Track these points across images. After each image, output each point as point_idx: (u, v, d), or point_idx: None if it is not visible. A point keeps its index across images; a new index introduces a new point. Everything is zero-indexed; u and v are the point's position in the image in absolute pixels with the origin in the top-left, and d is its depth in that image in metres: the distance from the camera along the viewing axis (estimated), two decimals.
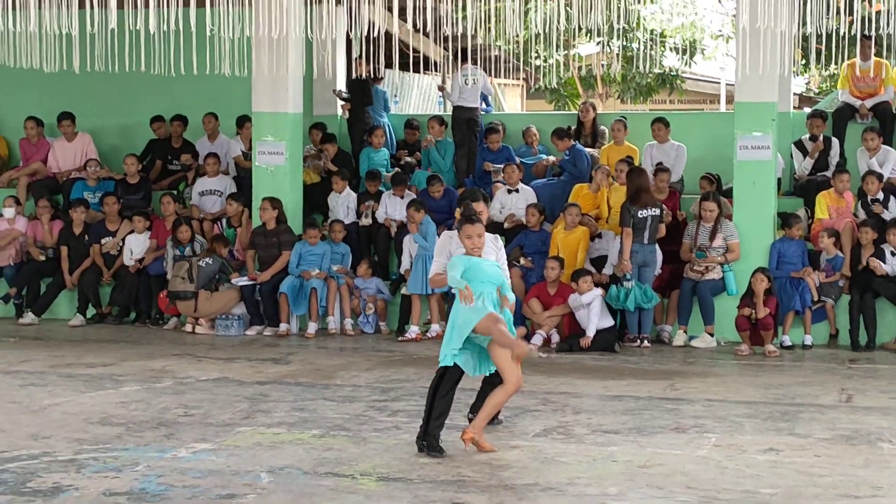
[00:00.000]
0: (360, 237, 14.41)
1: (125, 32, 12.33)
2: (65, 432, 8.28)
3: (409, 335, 13.04)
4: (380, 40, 14.04)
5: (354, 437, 8.19)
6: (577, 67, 26.24)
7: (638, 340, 12.63)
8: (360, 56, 15.30)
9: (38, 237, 14.97)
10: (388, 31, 13.62)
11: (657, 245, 12.89)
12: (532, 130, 15.70)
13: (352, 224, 14.38)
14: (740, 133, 13.06)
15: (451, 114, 15.64)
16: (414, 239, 13.33)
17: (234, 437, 8.16)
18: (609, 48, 22.55)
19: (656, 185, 13.44)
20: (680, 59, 27.17)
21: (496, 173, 14.74)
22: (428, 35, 17.21)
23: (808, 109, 17.25)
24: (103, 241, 14.66)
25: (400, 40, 17.91)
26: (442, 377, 7.69)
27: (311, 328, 13.42)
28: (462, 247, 7.81)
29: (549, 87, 24.63)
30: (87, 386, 10.19)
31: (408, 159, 15.82)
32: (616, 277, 12.73)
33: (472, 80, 15.24)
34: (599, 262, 13.28)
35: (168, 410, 9.12)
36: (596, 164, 14.40)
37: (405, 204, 13.92)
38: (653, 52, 24.58)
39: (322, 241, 13.82)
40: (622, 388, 10.18)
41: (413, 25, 15.56)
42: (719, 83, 29.45)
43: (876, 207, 13.14)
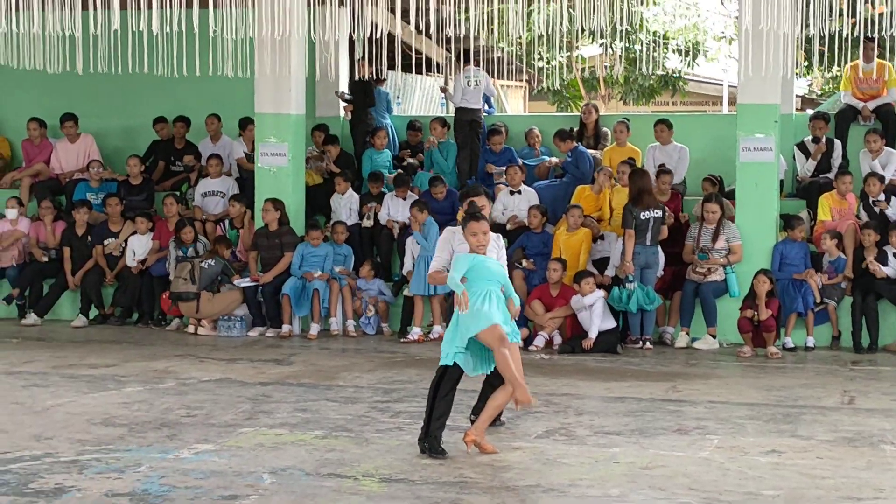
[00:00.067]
0: (362, 238, 14.41)
1: (128, 33, 12.32)
2: (67, 433, 8.29)
3: (411, 336, 13.04)
4: (382, 42, 14.03)
5: (357, 438, 8.19)
6: (579, 69, 26.21)
7: (640, 342, 12.63)
8: (363, 57, 15.28)
9: (41, 238, 14.97)
10: (390, 33, 13.63)
11: (659, 247, 12.88)
12: (534, 132, 15.70)
13: (354, 225, 14.38)
14: (743, 135, 13.06)
15: (453, 115, 15.63)
16: (415, 239, 13.33)
17: (236, 438, 8.16)
18: (612, 50, 22.50)
19: (658, 187, 13.44)
20: (682, 61, 27.12)
21: (498, 175, 14.73)
22: (431, 36, 17.22)
23: (810, 111, 17.20)
24: (106, 243, 14.67)
25: (403, 42, 17.95)
26: (442, 377, 7.69)
27: (314, 329, 13.42)
28: (464, 243, 7.80)
29: (552, 88, 24.60)
30: (90, 387, 10.20)
31: (410, 161, 15.82)
32: (618, 279, 12.73)
33: (475, 81, 15.23)
34: (601, 263, 13.29)
35: (170, 411, 9.13)
36: (598, 166, 14.40)
37: (407, 205, 13.93)
38: (655, 54, 24.52)
39: (324, 243, 13.83)
40: (624, 390, 10.18)
41: (416, 27, 15.56)
42: (722, 85, 29.41)
43: (880, 204, 13.14)
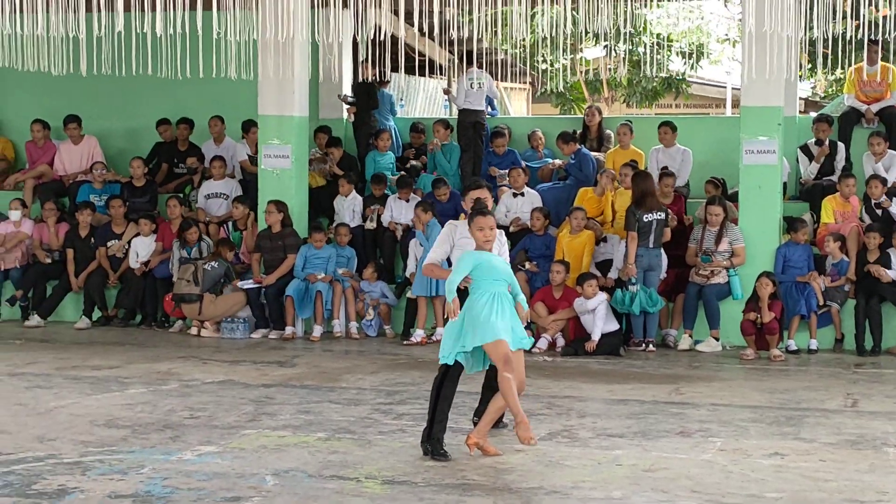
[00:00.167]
0: (365, 241, 14.41)
1: (132, 36, 12.36)
2: (70, 434, 8.29)
3: (414, 339, 13.03)
4: (386, 44, 14.05)
5: (359, 440, 8.19)
6: (583, 71, 26.23)
7: (643, 344, 12.62)
8: (366, 59, 15.30)
9: (45, 240, 14.98)
10: (394, 35, 13.66)
11: (662, 249, 12.88)
12: (538, 134, 15.69)
13: (357, 227, 14.38)
14: (746, 137, 13.06)
15: (456, 117, 15.64)
16: (418, 240, 13.33)
17: (239, 440, 8.16)
18: (615, 52, 22.51)
19: (661, 190, 13.44)
20: (686, 64, 27.16)
21: (501, 177, 14.73)
22: (434, 39, 17.24)
23: (814, 114, 17.19)
24: (109, 244, 14.67)
25: (406, 44, 18.00)
26: (444, 375, 7.68)
27: (317, 331, 13.42)
28: (464, 238, 7.77)
29: (555, 91, 24.64)
30: (93, 388, 10.20)
31: (413, 163, 15.82)
32: (621, 281, 12.73)
33: (478, 83, 15.22)
34: (605, 265, 13.29)
35: (173, 413, 9.13)
36: (601, 168, 14.40)
37: (410, 207, 13.94)
38: (659, 57, 24.57)
39: (327, 245, 13.83)
40: (627, 392, 10.17)
41: (419, 29, 15.56)
42: (725, 87, 29.44)
43: (885, 203, 13.12)
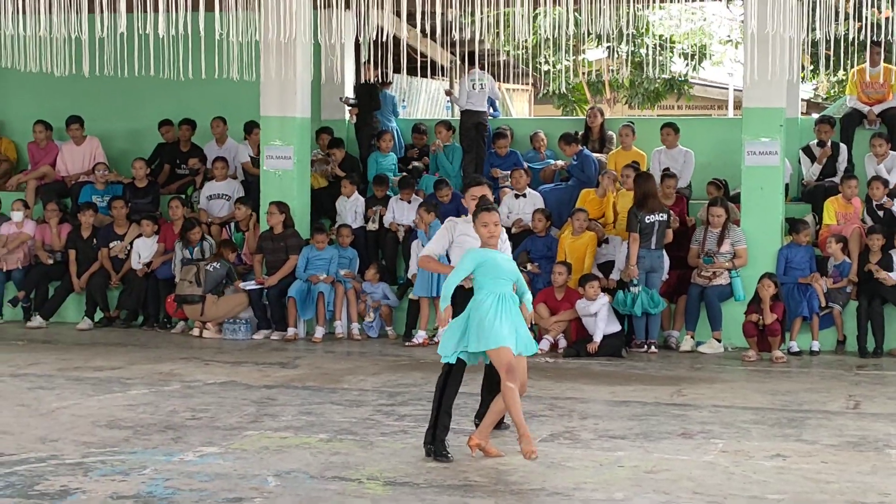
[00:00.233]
0: (367, 242, 14.42)
1: (134, 36, 12.37)
2: (72, 435, 8.29)
3: (416, 340, 13.04)
4: (388, 45, 14.06)
5: (361, 441, 8.19)
6: (585, 73, 26.24)
7: (645, 346, 12.63)
8: (369, 60, 15.31)
9: (47, 241, 14.99)
10: (396, 36, 13.66)
11: (664, 250, 12.88)
12: (540, 135, 15.70)
13: (359, 229, 14.39)
14: (748, 138, 13.06)
15: (458, 119, 15.65)
16: (420, 241, 13.32)
17: (241, 441, 8.16)
18: (617, 53, 22.53)
19: (663, 191, 13.44)
20: (688, 65, 27.17)
21: (503, 178, 14.74)
22: (436, 40, 17.25)
23: (816, 115, 17.19)
24: (111, 245, 14.69)
25: (408, 45, 18.00)
26: (448, 374, 7.67)
27: (319, 332, 13.43)
28: (464, 235, 7.76)
29: (557, 92, 24.64)
30: (95, 389, 10.20)
31: (415, 164, 15.83)
32: (623, 283, 12.73)
33: (480, 84, 15.24)
34: (607, 267, 13.29)
35: (175, 414, 9.13)
36: (603, 170, 14.40)
37: (412, 208, 13.95)
38: (661, 58, 24.57)
39: (330, 246, 13.84)
40: (629, 394, 10.17)
41: (421, 30, 15.59)
42: (727, 89, 29.44)
43: (887, 203, 13.12)
